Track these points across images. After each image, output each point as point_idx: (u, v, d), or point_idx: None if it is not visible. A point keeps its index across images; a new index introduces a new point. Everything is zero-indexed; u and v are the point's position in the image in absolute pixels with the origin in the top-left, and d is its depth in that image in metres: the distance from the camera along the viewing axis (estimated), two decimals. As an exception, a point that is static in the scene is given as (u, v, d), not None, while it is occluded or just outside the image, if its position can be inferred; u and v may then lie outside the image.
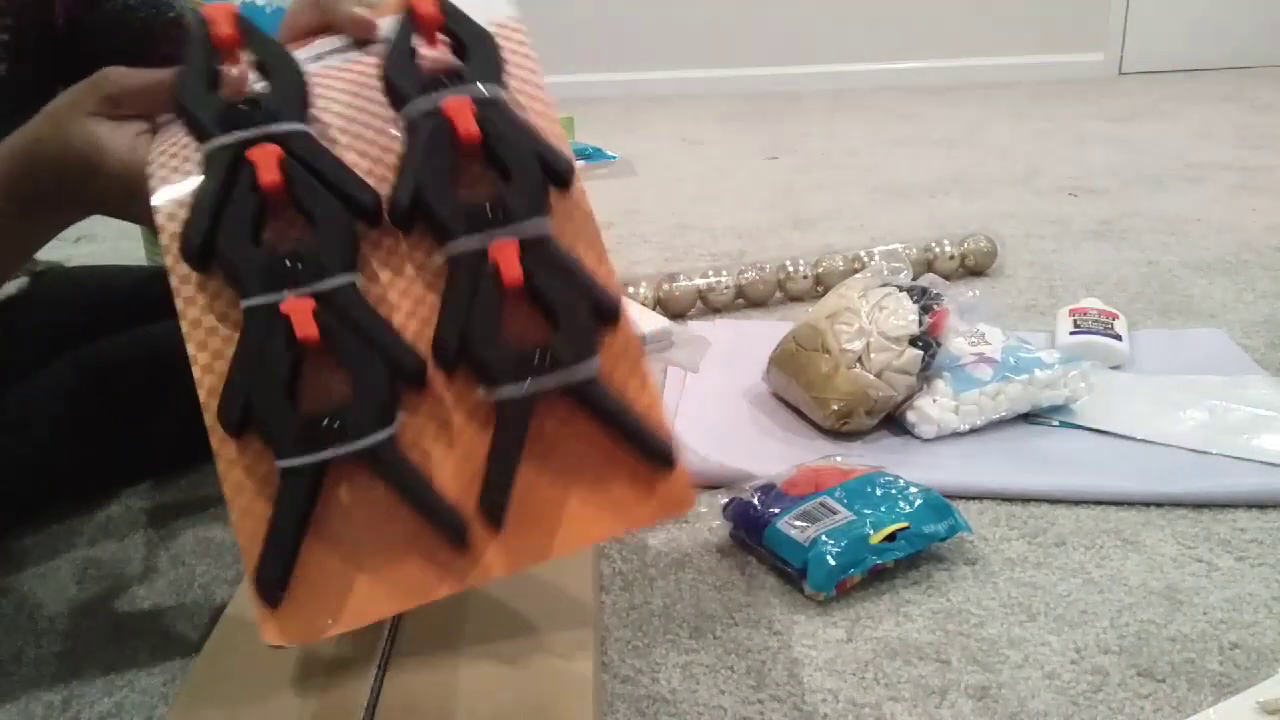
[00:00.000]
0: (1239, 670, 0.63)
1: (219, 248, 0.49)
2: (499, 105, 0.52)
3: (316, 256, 0.49)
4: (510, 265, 0.48)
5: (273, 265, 0.49)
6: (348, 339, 0.48)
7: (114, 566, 0.78)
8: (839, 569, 0.69)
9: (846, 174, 2.01)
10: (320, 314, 0.48)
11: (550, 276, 0.49)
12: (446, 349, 0.49)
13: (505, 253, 0.49)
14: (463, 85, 0.52)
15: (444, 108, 0.51)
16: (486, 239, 0.49)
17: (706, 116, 2.77)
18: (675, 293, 1.26)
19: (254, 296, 0.49)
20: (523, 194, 0.50)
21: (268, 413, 0.47)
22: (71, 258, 1.46)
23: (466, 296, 0.49)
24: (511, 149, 0.51)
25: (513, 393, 0.48)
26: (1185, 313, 1.21)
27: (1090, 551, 0.76)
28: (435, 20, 0.54)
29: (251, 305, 0.49)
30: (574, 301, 0.49)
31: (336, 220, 0.50)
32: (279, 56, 0.54)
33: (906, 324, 0.92)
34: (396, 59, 0.54)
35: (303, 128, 0.52)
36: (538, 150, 0.51)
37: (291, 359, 0.48)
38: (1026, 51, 3.17)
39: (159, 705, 0.63)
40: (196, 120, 0.52)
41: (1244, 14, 3.09)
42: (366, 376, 0.48)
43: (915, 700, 0.61)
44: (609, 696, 0.62)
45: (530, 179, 0.50)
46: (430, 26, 0.54)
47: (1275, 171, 1.88)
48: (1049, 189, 1.82)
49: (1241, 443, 0.88)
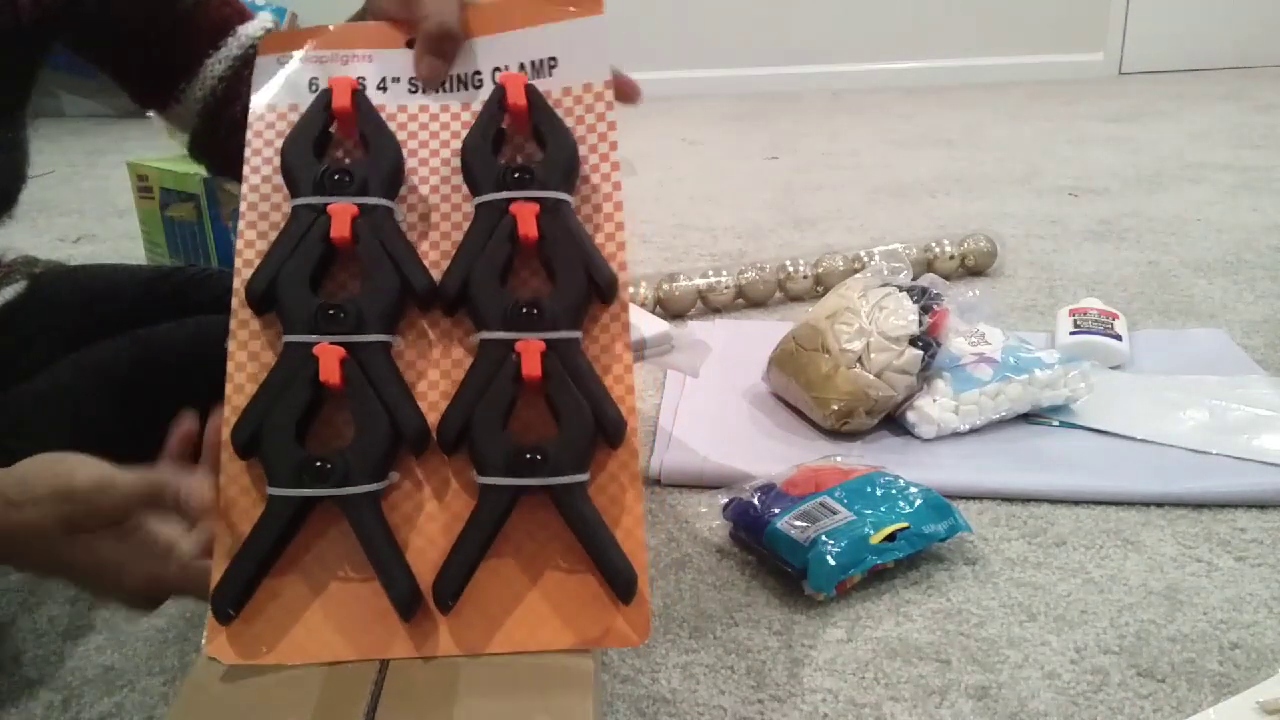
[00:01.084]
0: (1239, 670, 0.63)
1: (278, 288, 0.53)
2: (562, 211, 0.55)
3: (359, 312, 0.53)
4: (531, 362, 0.51)
5: (320, 311, 0.53)
6: (365, 391, 0.51)
7: (114, 566, 0.78)
8: (839, 569, 0.69)
9: (846, 174, 2.01)
10: (347, 364, 0.52)
11: (566, 381, 0.52)
12: (448, 430, 0.52)
13: (530, 350, 0.52)
14: (534, 185, 0.55)
15: (511, 208, 0.54)
16: (518, 334, 0.52)
17: (706, 116, 2.77)
18: (675, 293, 1.26)
19: (294, 334, 0.52)
20: (560, 304, 0.53)
21: (271, 441, 0.51)
22: (72, 257, 1.46)
23: (484, 382, 0.52)
24: (562, 258, 0.54)
25: (497, 481, 0.50)
26: (1185, 313, 1.21)
27: (1090, 551, 0.76)
28: (522, 111, 0.57)
29: (290, 341, 0.52)
30: (582, 413, 0.51)
31: (387, 285, 0.54)
32: (382, 134, 0.57)
33: (906, 324, 0.92)
34: (478, 145, 0.56)
35: (386, 203, 0.55)
36: (587, 264, 0.54)
37: (310, 397, 0.51)
38: (1026, 51, 3.17)
39: (159, 705, 0.63)
40: (293, 179, 0.56)
41: (1244, 14, 3.09)
42: (370, 430, 0.51)
43: (915, 700, 0.61)
44: (609, 696, 0.62)
45: (573, 292, 0.54)
46: (517, 116, 0.57)
47: (1275, 171, 1.88)
48: (1049, 189, 1.82)
49: (1241, 443, 0.88)
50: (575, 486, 0.51)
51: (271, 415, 0.51)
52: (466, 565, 0.50)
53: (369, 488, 0.50)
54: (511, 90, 0.56)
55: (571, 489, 0.50)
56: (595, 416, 0.52)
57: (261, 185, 0.58)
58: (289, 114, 0.58)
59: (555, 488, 0.50)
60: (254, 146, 0.58)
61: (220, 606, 0.49)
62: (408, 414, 0.52)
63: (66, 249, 1.70)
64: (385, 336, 0.53)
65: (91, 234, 1.81)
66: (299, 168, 0.56)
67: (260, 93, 0.59)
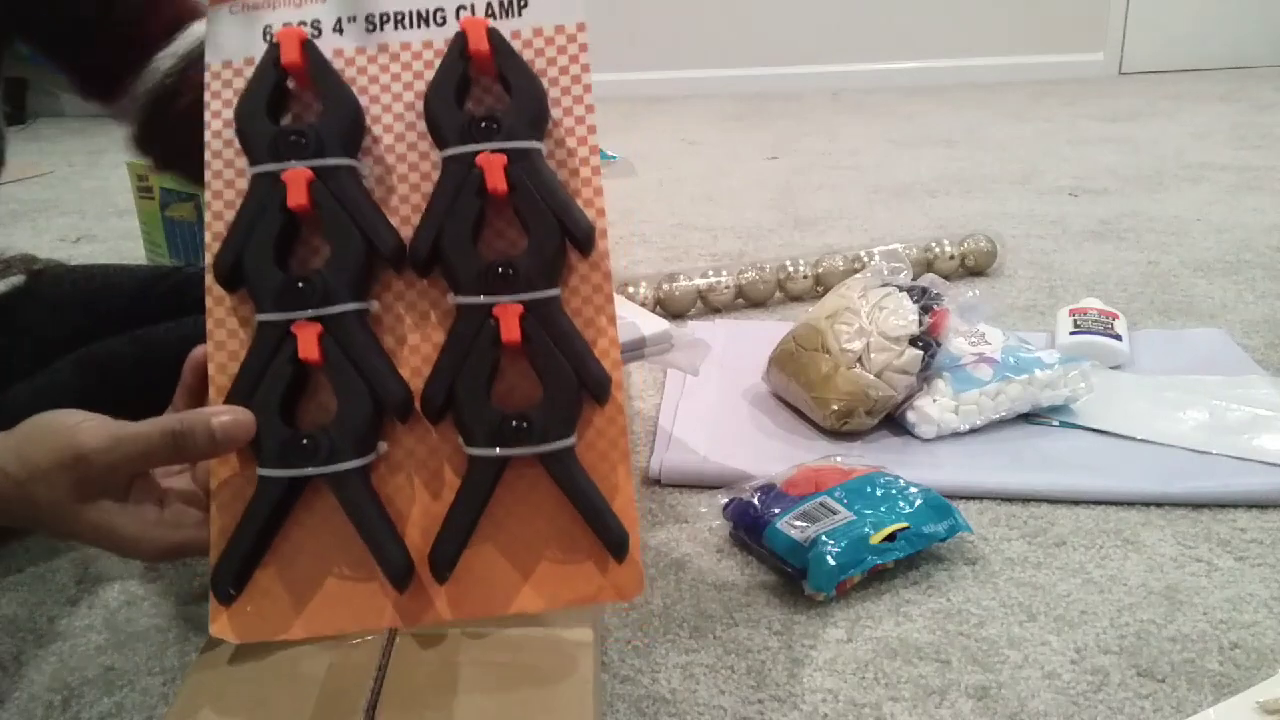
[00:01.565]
0: (1239, 670, 0.63)
1: (244, 265, 0.52)
2: (532, 161, 0.53)
3: (327, 284, 0.51)
4: (510, 327, 0.50)
5: (287, 286, 0.51)
6: (344, 365, 0.51)
7: (114, 566, 0.78)
8: (839, 569, 0.69)
9: (846, 174, 2.01)
10: (324, 338, 0.51)
11: (547, 343, 0.51)
12: (432, 402, 0.51)
13: (507, 314, 0.51)
14: (500, 136, 0.53)
15: (477, 160, 0.52)
16: (494, 298, 0.51)
17: (706, 116, 2.77)
18: (675, 293, 1.26)
19: (267, 313, 0.51)
20: (536, 261, 0.52)
21: (259, 423, 0.50)
22: (72, 257, 1.46)
23: (464, 349, 0.51)
24: (536, 211, 0.52)
25: (484, 453, 0.50)
26: (1185, 313, 1.21)
27: (1090, 551, 0.76)
28: (485, 56, 0.54)
29: (263, 320, 0.51)
30: (566, 374, 0.51)
31: (353, 251, 0.52)
32: (336, 88, 0.54)
33: (906, 324, 0.92)
34: (440, 95, 0.54)
35: (347, 162, 0.53)
36: (561, 214, 0.52)
37: (291, 375, 0.51)
38: (1026, 51, 3.17)
39: (159, 705, 0.63)
40: (249, 145, 0.54)
41: (1244, 14, 3.09)
42: (352, 405, 0.51)
43: (915, 700, 0.61)
44: (609, 696, 0.62)
45: (547, 246, 0.52)
46: (480, 61, 0.54)
47: (1275, 171, 1.88)
48: (1049, 189, 1.82)
49: (1241, 443, 0.88)
50: (563, 451, 0.50)
51: (255, 396, 0.51)
52: (460, 535, 0.50)
53: (355, 463, 0.50)
54: (473, 36, 0.54)
55: (559, 454, 0.50)
56: (579, 375, 0.51)
57: (224, 150, 0.55)
58: (245, 69, 0.55)
59: (544, 454, 0.50)
60: (213, 109, 0.55)
61: (220, 587, 0.49)
62: (390, 384, 0.51)
63: (66, 249, 1.70)
64: (358, 305, 0.52)
65: (91, 234, 1.81)
66: (253, 133, 0.53)
67: (214, 48, 0.56)
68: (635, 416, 1.00)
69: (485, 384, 0.51)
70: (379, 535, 0.50)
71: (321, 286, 0.51)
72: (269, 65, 0.54)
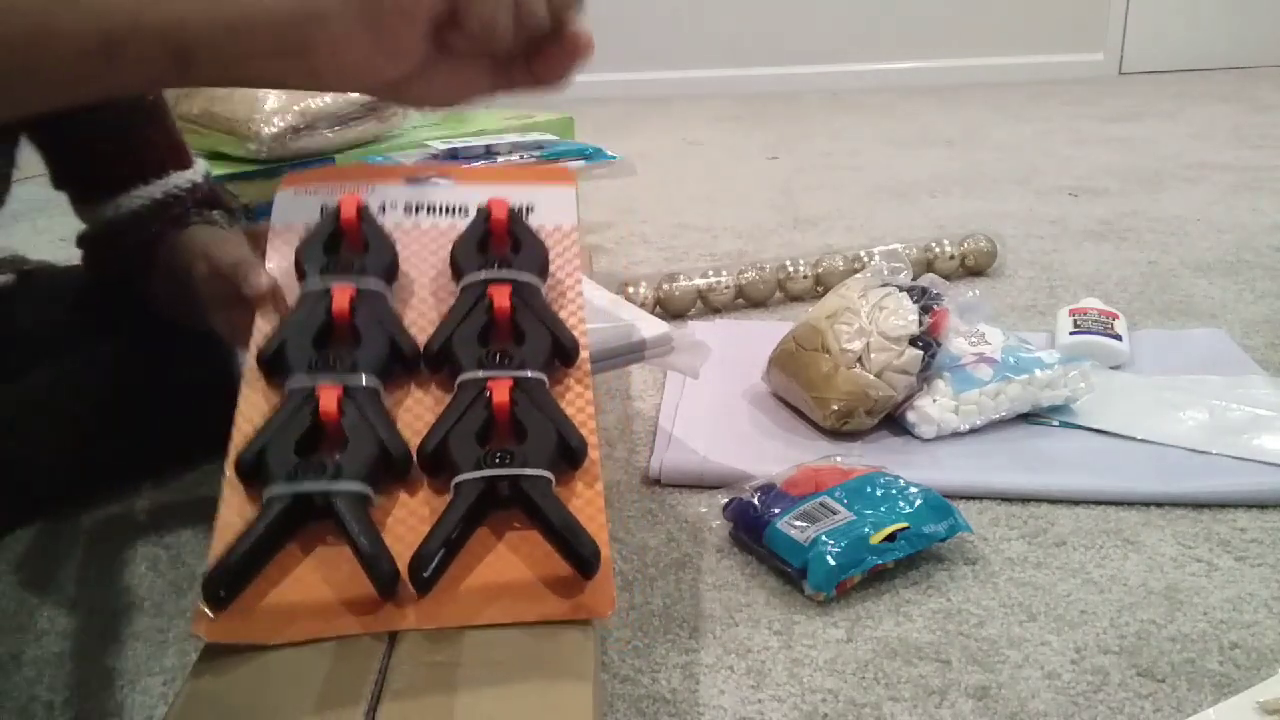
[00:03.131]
0: (1239, 670, 0.63)
1: (286, 351, 0.61)
2: (532, 291, 0.65)
3: (353, 362, 0.60)
4: (501, 395, 0.58)
5: (320, 359, 0.60)
6: (357, 419, 0.58)
7: (114, 566, 0.78)
8: (839, 569, 0.69)
9: (846, 174, 2.01)
10: (344, 402, 0.58)
11: (531, 411, 0.59)
12: (427, 448, 0.57)
13: (499, 386, 0.59)
14: (510, 269, 0.65)
15: (488, 290, 0.64)
16: (489, 373, 0.60)
17: (706, 116, 2.77)
18: (675, 293, 1.26)
19: (296, 379, 0.59)
20: (529, 353, 0.61)
21: (272, 457, 0.56)
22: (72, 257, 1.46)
23: (460, 412, 0.58)
24: (532, 325, 0.63)
25: (469, 476, 0.55)
26: (1185, 313, 1.22)
27: (1090, 551, 0.76)
28: (503, 225, 0.68)
29: (294, 387, 0.59)
30: (547, 431, 0.58)
31: (378, 345, 0.62)
32: (380, 237, 0.67)
33: (906, 324, 0.92)
34: (465, 242, 0.68)
35: (380, 288, 0.65)
36: (553, 331, 0.63)
37: (309, 427, 0.57)
38: (1026, 51, 3.17)
39: (159, 705, 0.63)
40: (304, 269, 0.65)
41: (1244, 14, 3.09)
42: (360, 447, 0.57)
43: (915, 700, 0.61)
44: (609, 696, 0.62)
45: (540, 348, 0.62)
46: (498, 228, 0.68)
47: (1275, 171, 1.88)
48: (1049, 189, 1.82)
49: (1241, 443, 0.88)
50: (541, 480, 0.55)
51: (274, 440, 0.56)
52: (440, 546, 0.53)
53: (358, 487, 0.55)
54: (496, 208, 0.68)
55: (537, 482, 0.55)
56: (558, 436, 0.57)
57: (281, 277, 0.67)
58: (302, 231, 0.68)
59: (522, 480, 0.55)
60: (271, 256, 0.68)
61: (212, 594, 0.51)
62: (395, 440, 0.57)
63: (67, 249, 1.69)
64: (376, 381, 0.60)
65: (91, 234, 1.81)
66: (309, 259, 0.65)
67: (279, 215, 0.70)
68: (635, 416, 1.00)
69: (475, 435, 0.57)
70: (370, 543, 0.52)
71: (350, 362, 0.60)
72: (329, 219, 0.67)
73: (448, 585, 0.53)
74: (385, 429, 0.57)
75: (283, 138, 1.35)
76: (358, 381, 0.59)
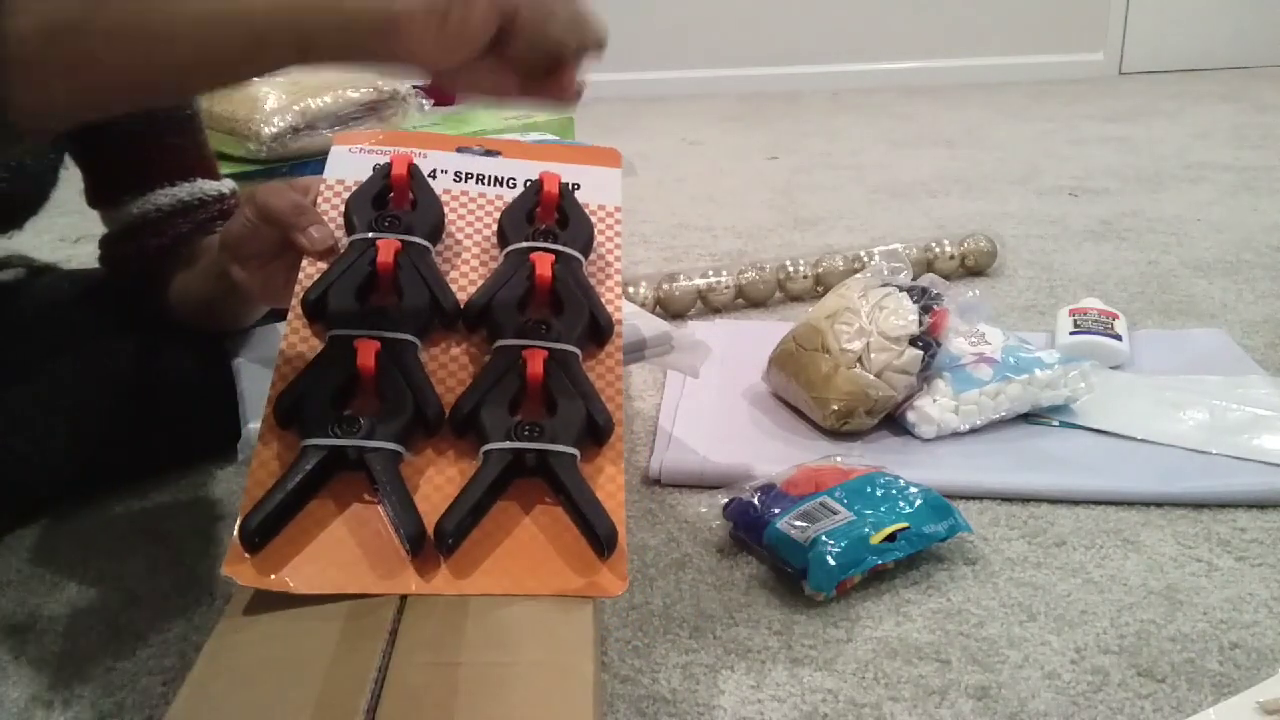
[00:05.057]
0: (1239, 670, 0.63)
1: (328, 299, 0.62)
2: (574, 265, 0.66)
3: (394, 316, 0.62)
4: (535, 366, 0.60)
5: (361, 313, 0.62)
6: (393, 375, 0.59)
7: (114, 566, 0.78)
8: (839, 569, 0.69)
9: (846, 174, 2.01)
10: (381, 356, 0.59)
11: (563, 383, 0.60)
12: (460, 411, 0.59)
13: (534, 356, 0.60)
14: (555, 242, 0.66)
15: (531, 256, 0.65)
16: (525, 342, 0.61)
17: (706, 116, 2.77)
18: (675, 293, 1.26)
19: (338, 329, 0.61)
20: (565, 326, 0.63)
21: (310, 406, 0.58)
22: (72, 257, 1.47)
23: (494, 378, 0.60)
24: (571, 298, 0.64)
25: (497, 446, 0.57)
26: (1185, 313, 1.22)
27: (1090, 551, 0.76)
28: (554, 199, 0.69)
29: (334, 335, 0.61)
30: (575, 406, 0.59)
31: (418, 300, 0.63)
32: (428, 194, 0.69)
33: (906, 324, 0.92)
34: (514, 212, 0.69)
35: (425, 244, 0.66)
36: (591, 307, 0.64)
37: (345, 378, 0.59)
38: (1026, 51, 3.17)
39: (159, 705, 0.63)
40: (351, 221, 0.67)
41: (1244, 14, 3.09)
42: (396, 405, 0.58)
43: (915, 700, 0.61)
44: (609, 696, 0.62)
45: (576, 320, 0.63)
46: (547, 202, 0.69)
47: (1275, 171, 1.88)
48: (1049, 189, 1.82)
49: (1241, 443, 0.88)
50: (566, 456, 0.57)
51: (311, 389, 0.58)
52: (466, 512, 0.54)
53: (391, 446, 0.56)
54: (548, 181, 0.69)
55: (562, 457, 0.57)
56: (587, 413, 0.58)
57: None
58: (352, 186, 0.69)
59: (548, 455, 0.56)
60: (321, 207, 0.68)
61: (247, 536, 0.53)
62: (428, 397, 0.59)
63: (66, 249, 1.70)
64: (414, 338, 0.61)
65: (92, 234, 1.80)
66: (358, 212, 0.67)
67: (332, 170, 0.71)
68: (635, 416, 1.00)
69: (507, 402, 0.59)
70: (400, 502, 0.54)
71: (390, 318, 0.61)
72: (380, 176, 0.69)
73: (469, 549, 0.55)
74: (421, 387, 0.59)
75: (283, 138, 1.35)
76: (395, 335, 0.61)
